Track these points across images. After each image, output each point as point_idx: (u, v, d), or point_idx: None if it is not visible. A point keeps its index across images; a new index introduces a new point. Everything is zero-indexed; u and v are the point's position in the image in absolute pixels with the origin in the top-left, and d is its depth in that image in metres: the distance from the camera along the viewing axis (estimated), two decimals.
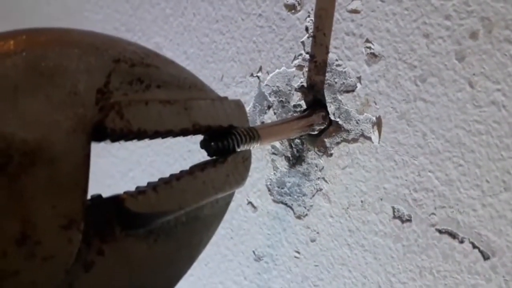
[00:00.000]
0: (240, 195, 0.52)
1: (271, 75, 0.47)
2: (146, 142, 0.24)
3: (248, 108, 0.50)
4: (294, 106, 0.46)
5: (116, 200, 0.22)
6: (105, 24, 0.66)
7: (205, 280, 0.59)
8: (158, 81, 0.25)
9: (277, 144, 0.47)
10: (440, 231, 0.37)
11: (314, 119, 0.42)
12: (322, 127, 0.43)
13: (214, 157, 0.29)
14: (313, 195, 0.45)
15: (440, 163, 0.37)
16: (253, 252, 0.52)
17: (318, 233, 0.46)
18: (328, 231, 0.45)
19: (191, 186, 0.25)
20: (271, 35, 0.47)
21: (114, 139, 0.22)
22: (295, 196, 0.47)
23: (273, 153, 0.48)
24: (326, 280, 0.46)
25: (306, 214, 0.46)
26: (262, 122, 0.49)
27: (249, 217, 0.52)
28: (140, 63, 0.24)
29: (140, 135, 0.23)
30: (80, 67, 0.21)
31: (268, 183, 0.49)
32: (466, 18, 0.34)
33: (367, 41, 0.39)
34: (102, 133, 0.21)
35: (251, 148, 0.32)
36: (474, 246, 0.36)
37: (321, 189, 0.45)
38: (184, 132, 0.25)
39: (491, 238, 0.35)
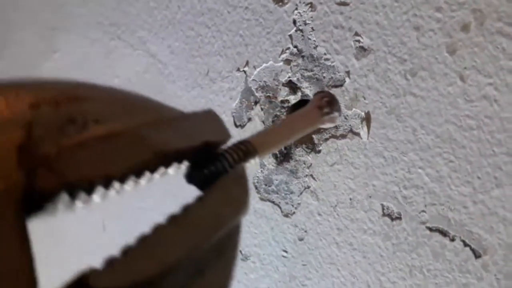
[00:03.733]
0: None
1: (258, 69, 0.46)
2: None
3: (234, 104, 0.49)
4: (282, 101, 0.45)
5: (80, 281, 0.17)
6: (88, 18, 0.65)
7: None
8: (95, 115, 0.19)
9: None
10: (430, 229, 0.36)
11: (320, 103, 0.36)
12: (332, 113, 0.38)
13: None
14: (301, 193, 0.44)
15: (430, 159, 0.36)
16: (240, 251, 0.51)
17: (306, 231, 0.44)
18: (316, 229, 0.44)
19: (173, 236, 0.20)
20: (258, 28, 0.45)
21: (50, 201, 0.17)
22: (283, 194, 0.46)
23: None
24: (314, 279, 0.45)
25: (294, 212, 0.45)
26: (249, 119, 0.47)
27: None
28: (66, 99, 0.19)
29: (82, 185, 0.18)
30: None
31: (255, 180, 0.48)
32: (457, 10, 0.33)
33: (356, 34, 0.38)
34: (35, 198, 0.17)
35: (248, 165, 0.27)
36: (466, 244, 0.35)
37: (309, 187, 0.44)
38: (148, 166, 0.20)
39: (482, 235, 0.34)
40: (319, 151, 0.42)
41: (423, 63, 0.35)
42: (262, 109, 0.46)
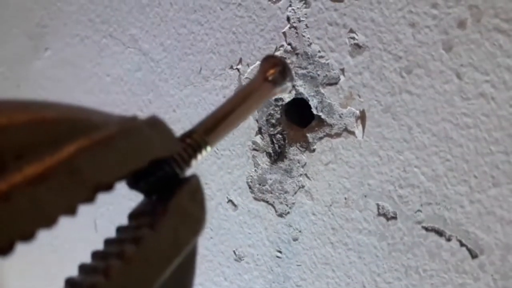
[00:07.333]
0: (220, 193, 0.50)
1: (251, 67, 0.45)
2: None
3: None
4: (276, 100, 0.44)
5: None
6: (79, 16, 0.63)
7: None
8: (16, 149, 0.15)
9: (258, 139, 0.46)
10: (426, 229, 0.36)
11: (268, 75, 0.31)
12: (284, 83, 0.32)
13: (151, 201, 0.22)
14: (295, 192, 0.44)
15: (426, 158, 0.35)
16: (234, 252, 0.50)
17: (300, 231, 0.44)
18: (311, 229, 0.43)
19: (126, 277, 0.17)
20: (251, 25, 0.45)
21: None
22: (277, 194, 0.45)
23: (254, 149, 0.46)
24: (308, 280, 0.44)
25: (288, 212, 0.45)
26: None
27: (229, 215, 0.50)
28: None
29: (12, 245, 0.14)
30: None
31: (249, 180, 0.47)
32: (453, 7, 0.33)
33: (351, 31, 0.38)
34: None
35: (200, 160, 0.23)
36: (462, 244, 0.34)
37: (303, 186, 0.43)
38: (86, 200, 0.17)
39: (479, 235, 0.33)
40: (314, 150, 0.42)
41: (419, 60, 0.35)
42: None
